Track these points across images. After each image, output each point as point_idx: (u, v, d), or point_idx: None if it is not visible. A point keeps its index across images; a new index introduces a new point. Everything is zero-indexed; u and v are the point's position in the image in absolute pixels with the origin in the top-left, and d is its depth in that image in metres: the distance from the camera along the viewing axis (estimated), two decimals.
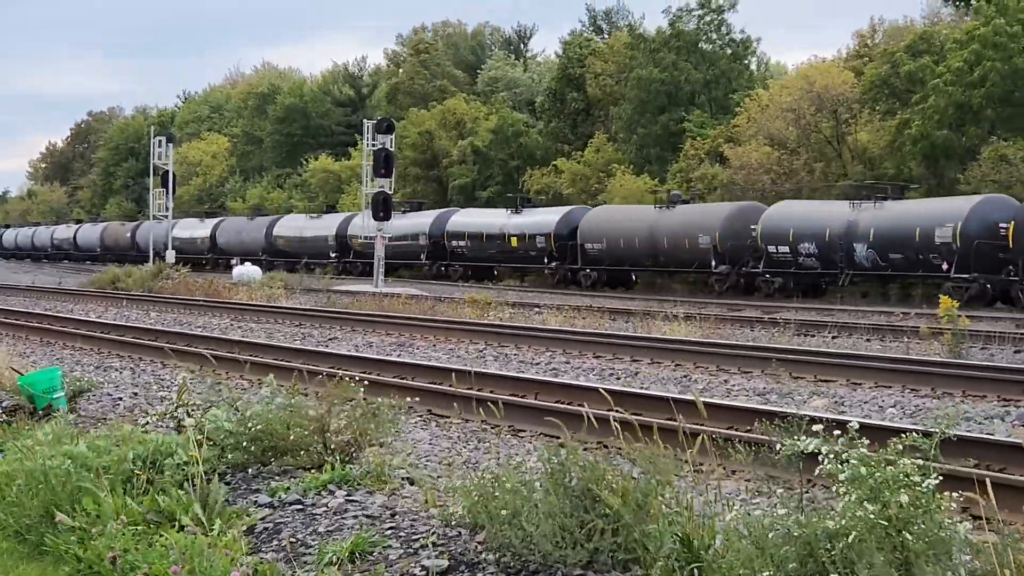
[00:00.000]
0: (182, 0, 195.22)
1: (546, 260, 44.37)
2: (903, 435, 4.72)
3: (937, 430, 4.79)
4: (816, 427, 5.03)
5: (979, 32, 39.07)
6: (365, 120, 43.47)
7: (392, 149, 40.70)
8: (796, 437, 4.90)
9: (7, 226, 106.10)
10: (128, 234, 72.79)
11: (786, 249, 35.26)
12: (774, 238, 35.66)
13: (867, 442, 4.71)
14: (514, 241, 45.54)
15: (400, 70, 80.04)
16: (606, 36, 68.11)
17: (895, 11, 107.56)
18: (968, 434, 9.27)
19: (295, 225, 60.26)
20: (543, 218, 45.47)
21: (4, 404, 10.51)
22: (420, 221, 51.36)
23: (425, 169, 65.23)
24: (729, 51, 56.39)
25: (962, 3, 47.88)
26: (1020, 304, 29.35)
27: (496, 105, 64.70)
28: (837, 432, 4.82)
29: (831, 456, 4.67)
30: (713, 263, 37.53)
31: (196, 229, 68.06)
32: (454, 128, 64.50)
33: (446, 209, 52.47)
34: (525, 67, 79.11)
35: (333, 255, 55.41)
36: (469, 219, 49.35)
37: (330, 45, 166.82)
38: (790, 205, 37.92)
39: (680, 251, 38.76)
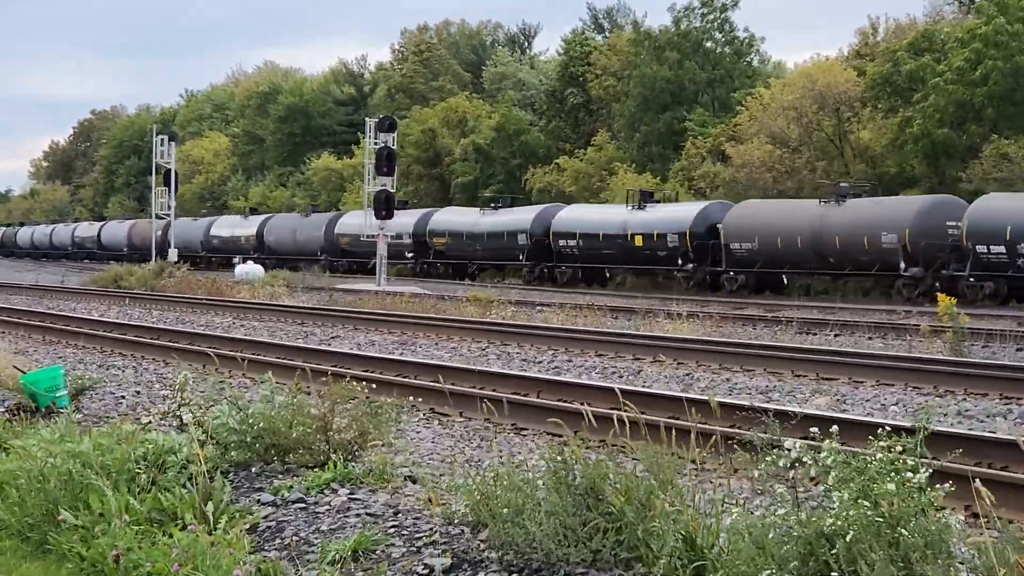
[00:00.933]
0: (183, 1, 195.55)
1: (680, 262, 38.71)
2: (888, 433, 4.74)
3: (920, 425, 4.78)
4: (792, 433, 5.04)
5: (981, 31, 39.08)
6: (367, 119, 43.42)
7: (394, 147, 40.68)
8: (779, 448, 4.90)
9: (21, 224, 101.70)
10: (160, 232, 67.70)
11: (1001, 249, 30.71)
12: (985, 236, 31.07)
13: (843, 445, 4.72)
14: (638, 240, 39.94)
15: (402, 69, 79.97)
16: (608, 35, 68.16)
17: (898, 9, 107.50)
18: (970, 432, 9.28)
19: (362, 223, 52.21)
20: (676, 214, 39.88)
21: (7, 403, 10.52)
22: (518, 218, 46.42)
23: (428, 167, 65.27)
24: (731, 50, 56.40)
25: (966, 1, 47.90)
26: None
27: (502, 105, 64.51)
28: (815, 432, 4.85)
29: (813, 462, 4.69)
30: (902, 265, 33.12)
31: (238, 227, 63.57)
32: (456, 126, 64.54)
33: (550, 204, 47.42)
34: (532, 65, 79.17)
35: (410, 254, 50.26)
36: (581, 215, 43.82)
37: (331, 45, 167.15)
38: (1006, 199, 33.25)
39: (857, 251, 34.18)
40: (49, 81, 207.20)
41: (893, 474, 4.47)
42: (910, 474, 4.49)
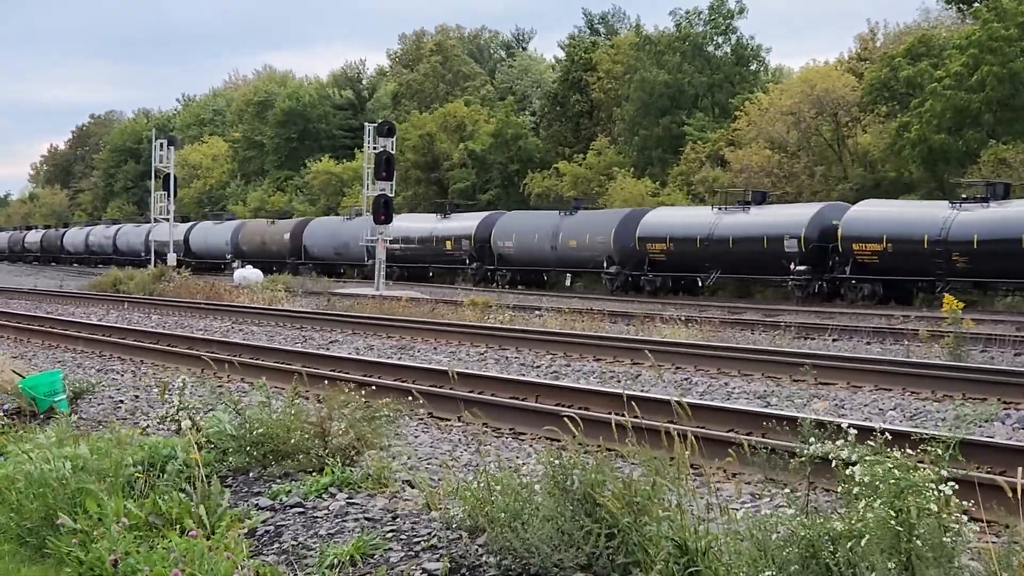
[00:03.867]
0: (181, 7, 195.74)
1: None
2: (928, 442, 4.73)
3: (952, 435, 4.79)
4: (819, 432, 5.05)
5: (976, 35, 39.08)
6: (366, 124, 43.37)
7: (393, 152, 40.61)
8: (820, 442, 4.91)
9: (66, 224, 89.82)
10: (286, 235, 57.92)
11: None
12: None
13: (897, 450, 4.71)
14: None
15: (413, 70, 79.82)
16: (606, 39, 68.18)
17: (902, 15, 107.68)
18: (970, 437, 9.28)
19: (670, 222, 39.94)
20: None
21: (6, 407, 10.51)
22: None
23: (426, 172, 65.30)
24: (735, 56, 56.33)
25: (964, 5, 47.90)
26: None
27: (501, 109, 64.31)
28: (853, 435, 4.84)
29: (859, 462, 4.67)
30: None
31: (439, 226, 49.94)
32: (455, 131, 64.55)
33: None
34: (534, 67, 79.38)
35: (801, 267, 34.65)
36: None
37: (327, 52, 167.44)
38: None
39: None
40: (47, 85, 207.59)
41: (933, 491, 4.47)
42: (942, 488, 4.50)
